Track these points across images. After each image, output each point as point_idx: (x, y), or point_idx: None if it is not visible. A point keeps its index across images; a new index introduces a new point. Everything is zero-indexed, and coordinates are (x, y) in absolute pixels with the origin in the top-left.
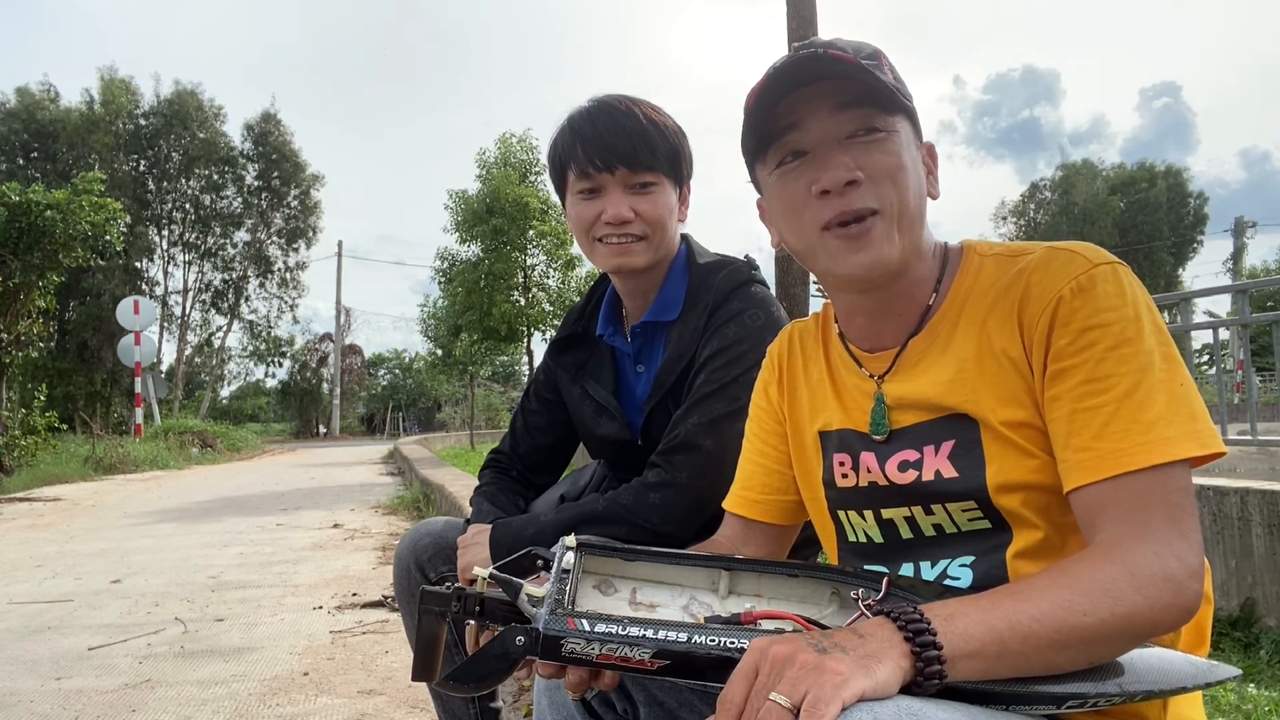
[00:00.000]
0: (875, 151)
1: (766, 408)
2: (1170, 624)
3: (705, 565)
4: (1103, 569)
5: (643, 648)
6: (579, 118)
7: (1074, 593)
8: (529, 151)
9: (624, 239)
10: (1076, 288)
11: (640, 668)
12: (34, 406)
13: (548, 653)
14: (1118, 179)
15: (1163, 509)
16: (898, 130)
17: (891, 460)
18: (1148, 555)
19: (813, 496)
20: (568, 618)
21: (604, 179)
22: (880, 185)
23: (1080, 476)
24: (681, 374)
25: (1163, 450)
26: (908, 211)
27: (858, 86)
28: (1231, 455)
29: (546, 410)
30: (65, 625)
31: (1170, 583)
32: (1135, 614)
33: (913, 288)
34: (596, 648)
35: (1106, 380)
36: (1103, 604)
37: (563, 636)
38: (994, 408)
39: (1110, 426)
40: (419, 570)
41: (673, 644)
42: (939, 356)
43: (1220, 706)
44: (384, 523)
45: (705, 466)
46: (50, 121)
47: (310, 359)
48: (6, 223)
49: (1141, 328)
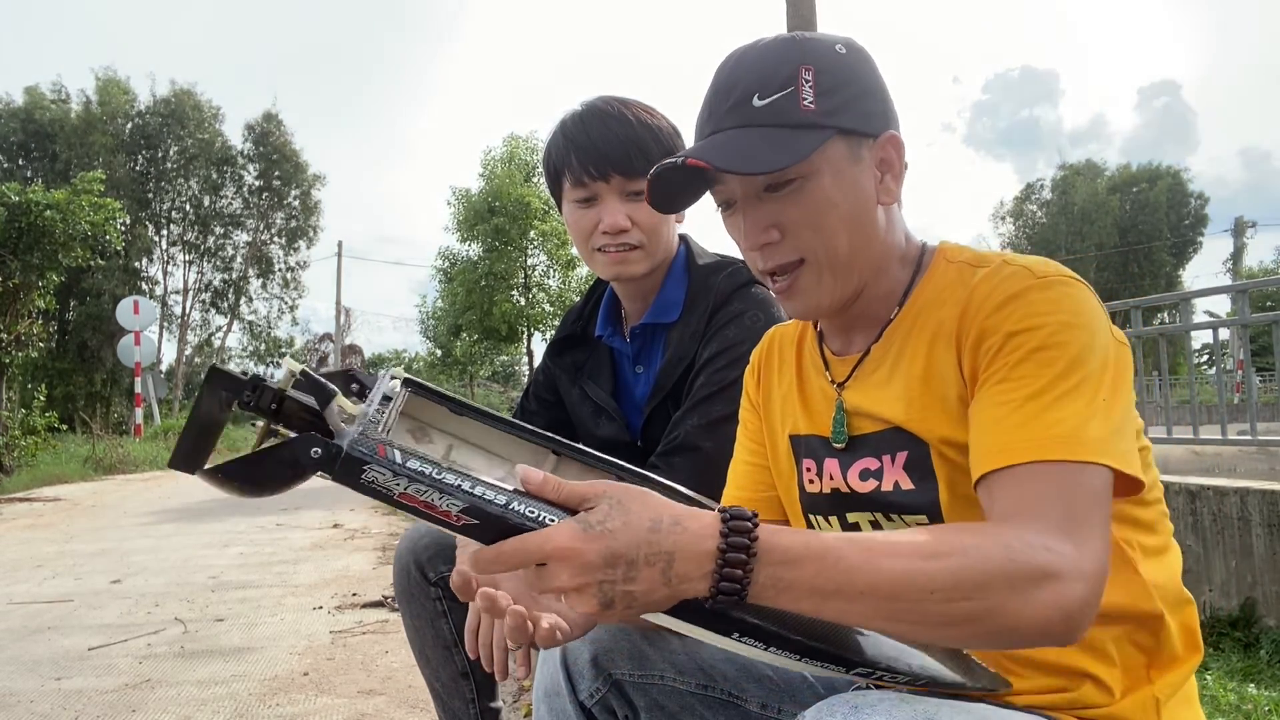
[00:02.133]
0: (789, 205)
1: (750, 408)
2: (1043, 626)
3: (533, 441)
4: (977, 538)
5: (454, 498)
6: (571, 123)
7: (935, 560)
8: (532, 154)
9: (621, 248)
10: (1009, 297)
11: (443, 519)
12: (34, 406)
13: (344, 474)
14: (1118, 179)
15: (1062, 504)
16: (819, 169)
17: (853, 468)
18: (1030, 544)
19: (789, 500)
20: (380, 444)
21: (599, 187)
22: (800, 237)
23: (978, 468)
24: (681, 376)
25: (1065, 447)
26: (837, 253)
27: (752, 161)
28: (1231, 455)
29: (546, 411)
30: (65, 625)
31: (1049, 579)
32: (1000, 602)
33: (873, 303)
34: (402, 484)
35: (1021, 380)
36: (967, 578)
37: (367, 461)
38: (938, 429)
39: (1012, 418)
40: (419, 570)
41: (488, 503)
42: (890, 371)
43: (1220, 706)
44: (384, 523)
45: (705, 468)
46: (49, 122)
47: (310, 359)
48: (6, 223)
49: (1073, 336)
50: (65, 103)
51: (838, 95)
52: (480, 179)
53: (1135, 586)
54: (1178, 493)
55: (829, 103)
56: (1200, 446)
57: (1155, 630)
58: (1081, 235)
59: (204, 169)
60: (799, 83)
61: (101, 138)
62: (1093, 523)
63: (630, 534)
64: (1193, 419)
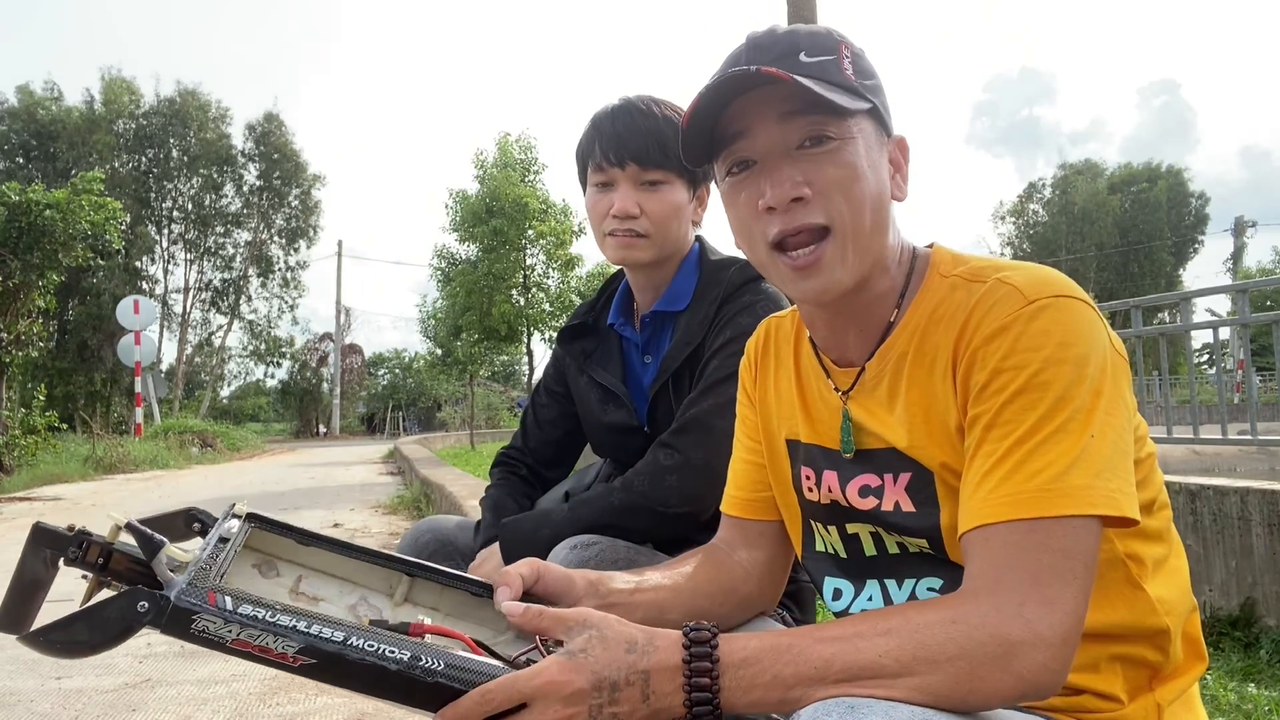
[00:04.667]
0: (826, 163)
1: (747, 404)
2: (1004, 695)
3: (385, 565)
4: (927, 614)
5: (289, 640)
6: (602, 115)
7: (884, 637)
8: (527, 151)
9: (629, 234)
10: (999, 328)
11: (280, 661)
12: (34, 406)
13: (173, 626)
14: (1118, 178)
15: (1026, 567)
16: (853, 136)
17: (853, 484)
18: (985, 610)
19: (786, 500)
20: (209, 591)
21: (615, 173)
22: (830, 201)
23: (960, 529)
24: (687, 360)
25: (1043, 501)
26: (863, 227)
27: (806, 92)
28: (1231, 455)
29: (556, 404)
30: None
31: (1001, 645)
32: (949, 674)
33: (872, 302)
34: (234, 630)
35: (1005, 425)
36: (914, 653)
37: (196, 611)
38: (940, 457)
39: (995, 474)
40: None
41: (324, 642)
42: (890, 393)
43: (1220, 706)
44: (384, 522)
45: (721, 446)
46: (50, 121)
47: (310, 359)
48: (6, 222)
49: (1058, 373)
50: (59, 100)
51: (870, 80)
52: (475, 181)
53: (1141, 604)
54: (1178, 492)
55: (864, 83)
56: (1200, 446)
57: (1162, 645)
58: (1082, 235)
59: (205, 168)
60: (840, 54)
61: (105, 137)
62: (1064, 581)
63: (610, 657)
64: (1193, 419)
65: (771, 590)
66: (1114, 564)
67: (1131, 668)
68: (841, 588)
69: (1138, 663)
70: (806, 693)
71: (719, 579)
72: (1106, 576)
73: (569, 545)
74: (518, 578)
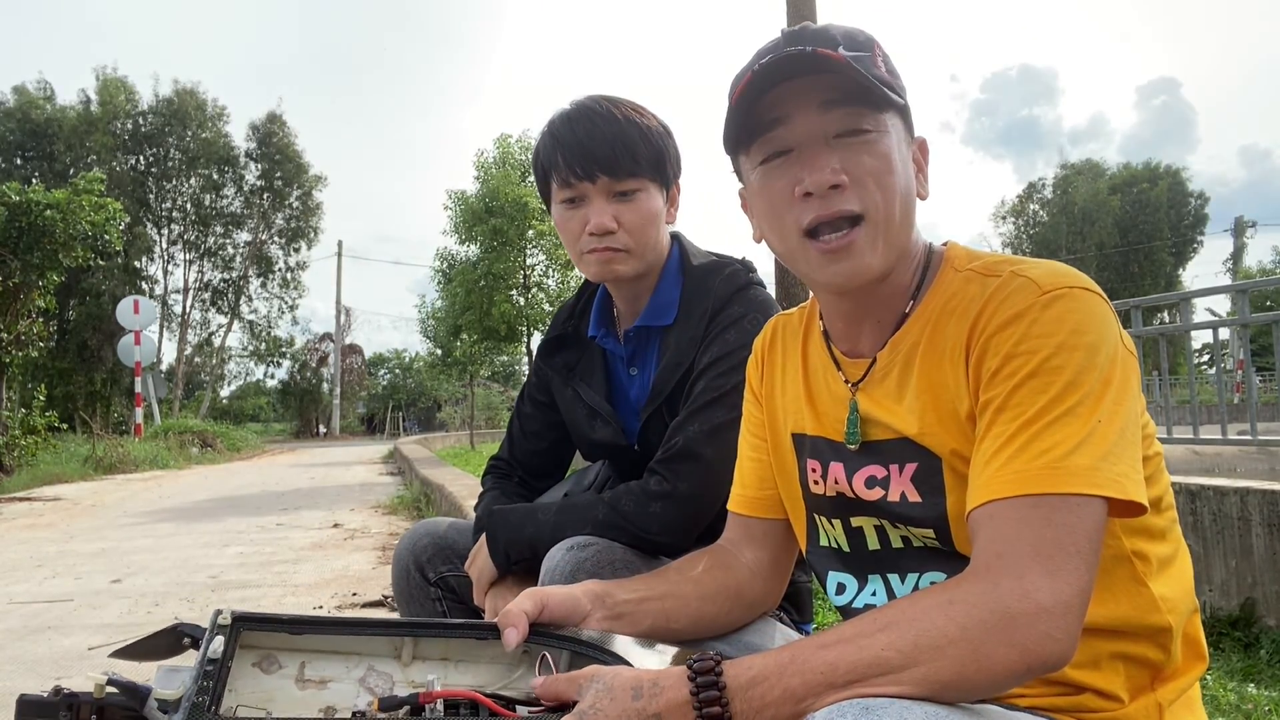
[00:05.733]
0: (863, 153)
1: (753, 399)
2: (1012, 670)
3: (385, 634)
4: (924, 601)
5: None
6: (559, 123)
7: (883, 633)
8: (526, 152)
9: (607, 250)
10: (1012, 317)
11: None
12: (34, 406)
13: None
14: (1119, 178)
15: (1030, 542)
16: (888, 130)
17: (859, 475)
18: (983, 588)
19: (790, 495)
20: None
21: (585, 188)
22: (865, 189)
23: (967, 506)
24: (679, 381)
25: (1049, 478)
26: (893, 217)
27: (847, 83)
28: (1231, 455)
29: (541, 413)
30: (65, 625)
31: (1001, 618)
32: (952, 657)
33: (892, 294)
34: None
35: (1016, 408)
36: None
37: None
38: (950, 444)
39: (1003, 453)
40: (418, 570)
41: None
42: (900, 383)
43: (1220, 706)
44: (384, 522)
45: (706, 476)
46: (46, 121)
47: (310, 359)
48: (6, 222)
49: (1069, 358)
50: (51, 100)
51: (899, 80)
52: (475, 181)
53: (1144, 601)
54: (1178, 493)
55: (895, 81)
56: (1200, 446)
57: (1163, 644)
58: (1082, 235)
59: (205, 168)
60: (875, 51)
61: (102, 137)
62: (1066, 554)
63: (619, 708)
64: (1193, 419)
65: (775, 590)
66: (1120, 560)
67: (1133, 666)
68: (845, 582)
69: (1139, 661)
70: (818, 700)
71: (725, 581)
72: (1112, 573)
73: (566, 546)
74: (522, 615)
